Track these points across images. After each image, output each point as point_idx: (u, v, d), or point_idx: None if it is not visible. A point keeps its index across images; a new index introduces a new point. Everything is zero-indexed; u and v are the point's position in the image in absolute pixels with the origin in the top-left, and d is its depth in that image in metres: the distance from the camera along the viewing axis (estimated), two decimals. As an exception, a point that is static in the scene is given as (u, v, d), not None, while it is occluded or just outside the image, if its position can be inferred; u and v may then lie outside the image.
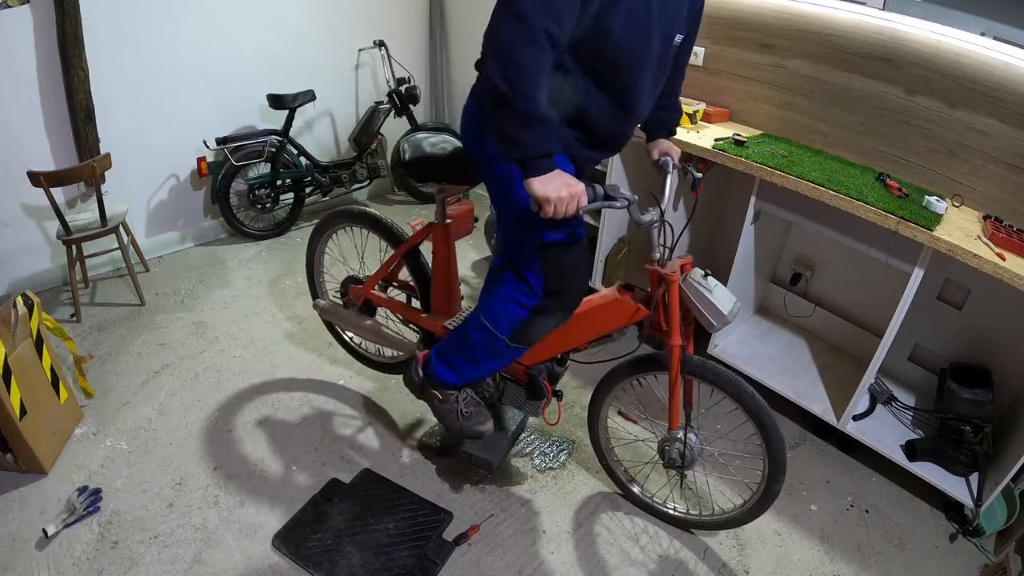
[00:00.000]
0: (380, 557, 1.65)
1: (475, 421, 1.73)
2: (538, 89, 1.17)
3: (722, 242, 2.77)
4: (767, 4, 2.37)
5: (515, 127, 1.19)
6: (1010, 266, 1.60)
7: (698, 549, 1.79)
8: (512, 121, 1.18)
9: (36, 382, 1.86)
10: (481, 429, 1.73)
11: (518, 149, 1.21)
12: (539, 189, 1.21)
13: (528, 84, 1.16)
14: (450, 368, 1.68)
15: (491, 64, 1.17)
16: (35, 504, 1.76)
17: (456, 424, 1.73)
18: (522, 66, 1.15)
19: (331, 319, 2.18)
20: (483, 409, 1.76)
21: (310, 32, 3.30)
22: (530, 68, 1.15)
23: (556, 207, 1.22)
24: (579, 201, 1.24)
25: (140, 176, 2.95)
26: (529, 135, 1.19)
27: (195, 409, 2.15)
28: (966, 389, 1.94)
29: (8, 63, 2.41)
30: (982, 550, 1.87)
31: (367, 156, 3.55)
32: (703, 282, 1.48)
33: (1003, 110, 1.91)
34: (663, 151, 1.66)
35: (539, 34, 1.14)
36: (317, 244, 2.18)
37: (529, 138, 1.19)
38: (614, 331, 1.62)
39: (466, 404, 1.73)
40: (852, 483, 2.08)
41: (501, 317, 1.51)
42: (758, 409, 1.53)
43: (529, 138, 1.19)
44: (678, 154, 1.66)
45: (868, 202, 1.83)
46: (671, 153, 1.65)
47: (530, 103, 1.16)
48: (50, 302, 2.70)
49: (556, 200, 1.21)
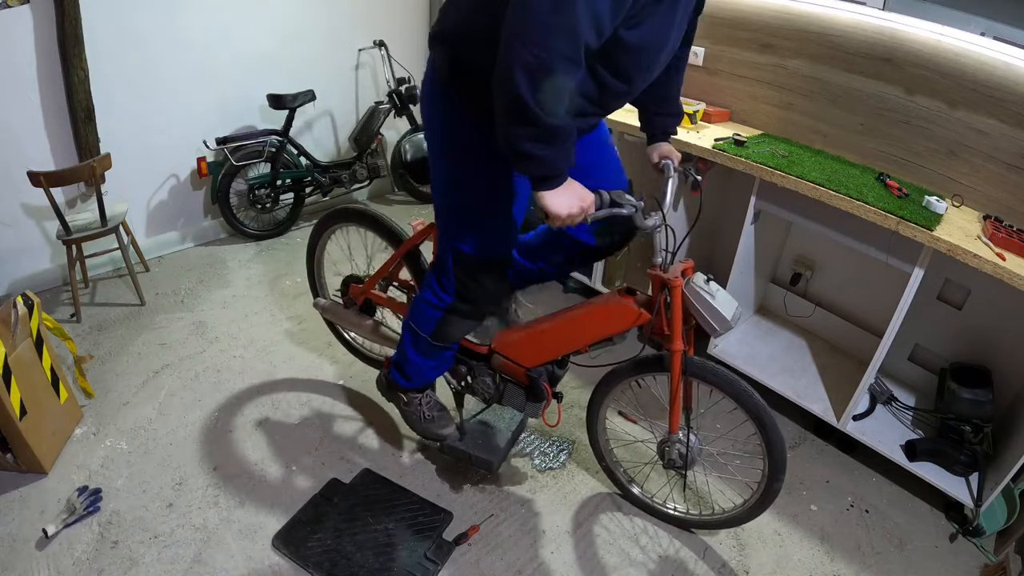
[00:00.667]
0: (380, 557, 1.65)
1: (437, 424, 1.82)
2: (567, 105, 1.09)
3: (722, 242, 2.77)
4: (767, 4, 2.37)
5: (534, 144, 1.12)
6: (1010, 266, 1.60)
7: (698, 549, 1.79)
8: (532, 138, 1.11)
9: (36, 382, 1.86)
10: (443, 433, 1.82)
11: (536, 167, 1.15)
12: (551, 204, 1.18)
13: (559, 103, 1.07)
14: (399, 371, 1.76)
15: (519, 75, 1.04)
16: (35, 504, 1.76)
17: (419, 426, 1.83)
18: (557, 84, 1.05)
19: (331, 318, 2.18)
20: (446, 414, 1.85)
21: (310, 32, 3.30)
22: (564, 86, 1.06)
23: (565, 221, 1.20)
24: (588, 211, 1.23)
25: (140, 176, 2.95)
26: (550, 152, 1.13)
27: (195, 409, 2.15)
28: (966, 389, 1.94)
29: (8, 63, 2.41)
30: (982, 550, 1.87)
31: (367, 156, 3.55)
32: (706, 287, 1.47)
33: (1003, 110, 1.91)
34: (663, 154, 1.65)
35: (581, 51, 1.05)
36: (318, 243, 2.18)
37: (550, 155, 1.13)
38: (615, 335, 1.62)
39: (429, 408, 1.82)
40: (852, 483, 2.08)
41: (420, 317, 1.63)
42: (758, 409, 1.53)
43: (550, 155, 1.13)
44: (678, 158, 1.66)
45: (868, 202, 1.83)
46: (671, 157, 1.64)
47: (556, 119, 1.08)
48: (50, 302, 2.70)
49: (568, 217, 1.19)
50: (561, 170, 1.17)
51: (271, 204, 3.25)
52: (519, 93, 1.04)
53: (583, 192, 1.22)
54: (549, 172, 1.16)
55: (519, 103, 1.06)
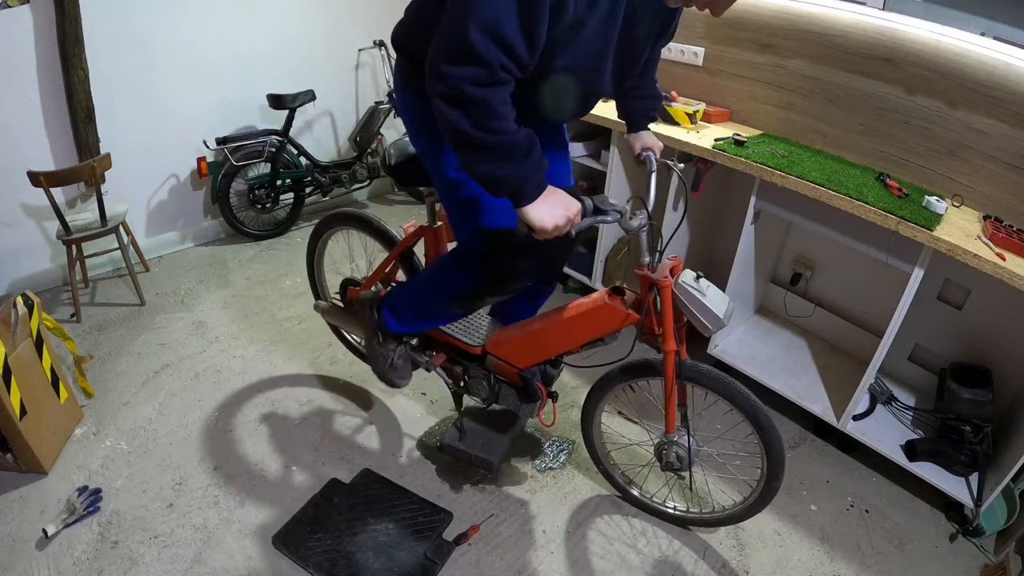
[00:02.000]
0: (380, 557, 1.65)
1: (397, 374, 1.85)
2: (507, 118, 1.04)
3: (722, 242, 2.77)
4: (767, 4, 2.37)
5: (493, 165, 1.07)
6: (1010, 266, 1.60)
7: (698, 549, 1.79)
8: (488, 160, 1.06)
9: (36, 382, 1.86)
10: (399, 382, 1.88)
11: (506, 186, 1.10)
12: (535, 219, 1.13)
13: (497, 118, 1.03)
14: (395, 316, 1.75)
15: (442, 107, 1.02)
16: (35, 504, 1.76)
17: (380, 368, 1.85)
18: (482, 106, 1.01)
19: (331, 320, 2.18)
20: (409, 367, 1.88)
21: (310, 32, 3.30)
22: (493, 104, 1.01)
23: (552, 233, 1.15)
24: (574, 221, 1.17)
25: (140, 176, 2.96)
26: (513, 168, 1.08)
27: (195, 409, 2.15)
28: (966, 389, 1.94)
29: (8, 63, 2.41)
30: (982, 550, 1.87)
31: (367, 156, 3.55)
32: (696, 285, 1.43)
33: (1003, 110, 1.91)
34: (645, 145, 1.61)
35: (497, 72, 1.00)
36: (316, 247, 2.19)
37: (514, 171, 1.08)
38: (605, 335, 1.60)
39: (398, 356, 1.83)
40: (852, 483, 2.08)
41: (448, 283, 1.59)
42: (755, 411, 1.52)
43: (514, 171, 1.08)
44: (660, 148, 1.61)
45: (868, 202, 1.83)
46: (653, 148, 1.60)
47: (504, 135, 1.04)
48: (50, 302, 2.70)
49: (554, 229, 1.14)
50: (534, 182, 1.11)
51: (271, 204, 3.25)
52: (452, 123, 1.03)
53: (568, 201, 1.16)
54: (522, 187, 1.11)
55: (458, 133, 1.04)
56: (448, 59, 1.00)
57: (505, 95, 1.04)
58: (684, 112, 2.40)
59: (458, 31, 0.98)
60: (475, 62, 0.99)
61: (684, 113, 2.40)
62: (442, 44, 1.01)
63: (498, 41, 0.99)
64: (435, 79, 1.02)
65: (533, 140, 1.10)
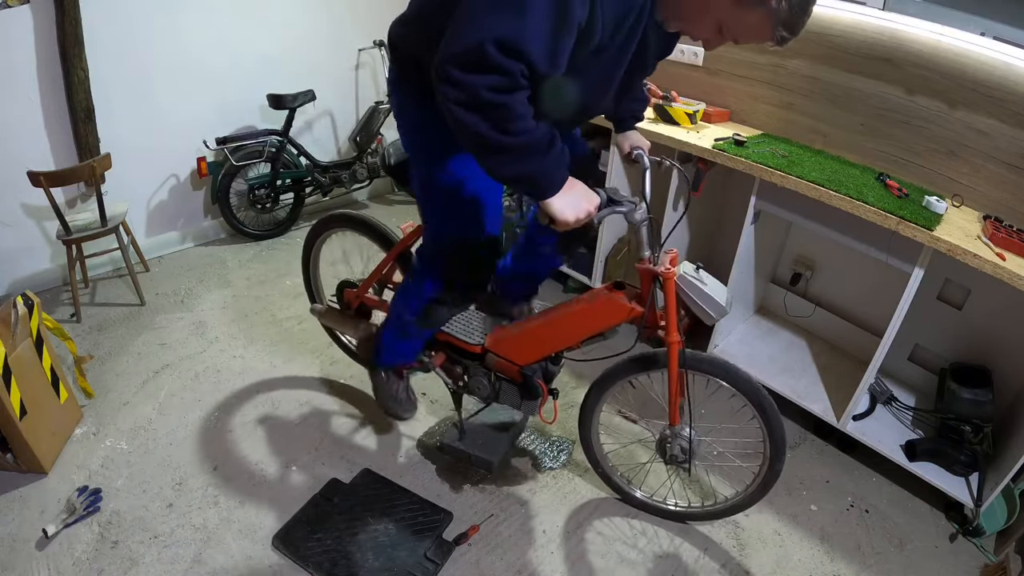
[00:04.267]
0: (380, 557, 1.65)
1: (402, 408, 2.00)
2: (527, 118, 1.03)
3: (722, 242, 2.77)
4: (767, 4, 2.37)
5: (516, 165, 1.07)
6: (1010, 266, 1.60)
7: (698, 549, 1.79)
8: (511, 161, 1.06)
9: (36, 382, 1.86)
10: (404, 415, 2.05)
11: (531, 185, 1.12)
12: (558, 212, 1.14)
13: (517, 119, 1.02)
14: (380, 348, 1.84)
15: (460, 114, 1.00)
16: (35, 504, 1.76)
17: (386, 404, 1.98)
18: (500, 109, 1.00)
19: (328, 323, 2.17)
20: (415, 400, 2.04)
21: (310, 32, 3.30)
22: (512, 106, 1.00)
23: (572, 226, 1.17)
24: (594, 213, 1.20)
25: (140, 176, 2.95)
26: (537, 165, 1.08)
27: (195, 409, 2.15)
28: (966, 389, 1.94)
29: (8, 63, 2.41)
30: (982, 550, 1.87)
31: (367, 156, 3.55)
32: (696, 275, 1.47)
33: (1003, 110, 1.91)
34: (633, 144, 1.64)
35: (518, 80, 0.99)
36: (312, 249, 2.18)
37: (538, 168, 1.09)
38: (606, 330, 1.61)
39: (402, 391, 1.97)
40: (852, 483, 2.08)
41: (407, 300, 1.68)
42: (757, 394, 1.54)
43: (538, 168, 1.09)
44: (648, 146, 1.64)
45: (868, 202, 1.83)
46: (642, 146, 1.63)
47: (524, 136, 1.04)
48: (50, 302, 2.70)
49: (575, 222, 1.16)
50: (558, 176, 1.12)
51: (271, 204, 3.25)
52: (470, 127, 1.01)
53: (588, 193, 1.19)
54: (546, 184, 1.12)
55: (478, 137, 1.02)
56: (460, 67, 0.98)
57: (524, 97, 1.03)
58: (684, 112, 2.40)
59: (473, 41, 0.96)
60: (493, 71, 0.97)
61: (684, 113, 2.40)
62: (452, 52, 0.98)
63: (518, 56, 0.97)
64: (448, 85, 0.99)
65: (553, 134, 1.10)
